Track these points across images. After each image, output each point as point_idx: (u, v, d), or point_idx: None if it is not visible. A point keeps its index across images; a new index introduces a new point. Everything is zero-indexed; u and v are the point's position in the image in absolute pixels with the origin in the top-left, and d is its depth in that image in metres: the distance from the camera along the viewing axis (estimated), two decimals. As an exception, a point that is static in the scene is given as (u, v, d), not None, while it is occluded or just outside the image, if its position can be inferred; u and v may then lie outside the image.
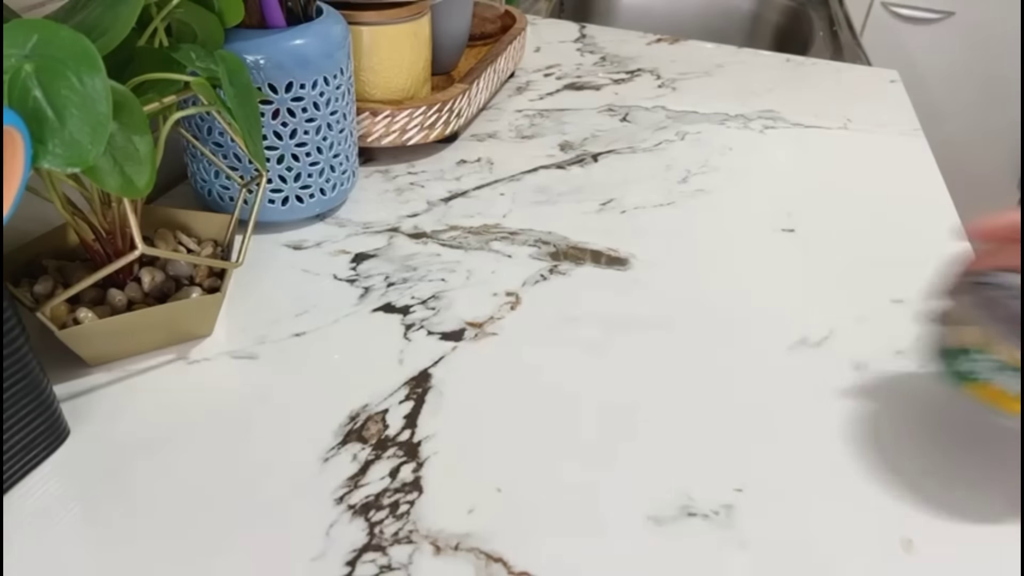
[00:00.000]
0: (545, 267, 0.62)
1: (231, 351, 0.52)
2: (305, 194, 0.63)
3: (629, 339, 0.55)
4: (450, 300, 0.58)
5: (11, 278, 0.49)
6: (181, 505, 0.42)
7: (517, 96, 0.93)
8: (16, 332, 0.39)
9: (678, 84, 0.97)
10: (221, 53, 0.47)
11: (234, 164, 0.61)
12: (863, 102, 0.96)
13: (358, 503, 0.43)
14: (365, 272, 0.61)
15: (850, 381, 0.53)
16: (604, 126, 0.86)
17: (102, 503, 0.42)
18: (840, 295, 0.61)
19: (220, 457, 0.45)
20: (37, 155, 0.35)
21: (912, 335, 0.57)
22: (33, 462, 0.43)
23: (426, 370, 0.52)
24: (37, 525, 0.40)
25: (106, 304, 0.49)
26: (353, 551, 0.40)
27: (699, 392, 0.51)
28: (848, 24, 1.29)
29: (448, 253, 0.63)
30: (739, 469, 0.46)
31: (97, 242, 0.49)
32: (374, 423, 0.48)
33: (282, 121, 0.59)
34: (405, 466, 0.45)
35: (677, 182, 0.76)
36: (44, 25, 0.36)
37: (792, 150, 0.84)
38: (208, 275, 0.53)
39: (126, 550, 0.39)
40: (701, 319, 0.58)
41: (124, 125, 0.40)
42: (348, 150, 0.65)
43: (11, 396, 0.40)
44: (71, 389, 0.48)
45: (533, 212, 0.70)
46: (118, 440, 0.45)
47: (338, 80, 0.60)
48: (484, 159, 0.78)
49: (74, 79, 0.35)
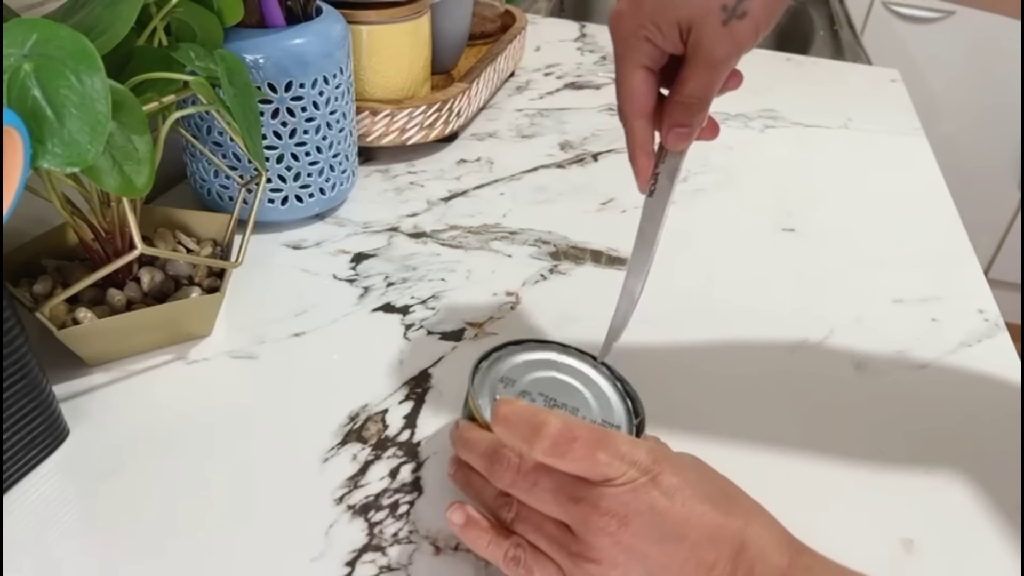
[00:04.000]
0: (545, 267, 0.62)
1: (230, 351, 0.52)
2: (305, 193, 0.63)
3: (629, 338, 0.55)
4: (450, 300, 0.58)
5: (10, 278, 0.49)
6: (181, 505, 0.42)
7: (517, 95, 0.92)
8: (15, 332, 0.39)
9: (678, 83, 0.97)
10: (220, 52, 0.47)
11: (233, 163, 0.61)
12: (863, 101, 0.96)
13: (358, 503, 0.42)
14: (365, 272, 0.61)
15: (850, 381, 0.53)
16: (604, 125, 0.86)
17: (102, 503, 0.42)
18: (840, 295, 0.61)
19: (219, 457, 0.45)
20: (36, 155, 0.35)
21: (912, 335, 0.57)
22: (33, 462, 0.43)
23: (426, 370, 0.52)
24: (37, 525, 0.40)
25: (105, 304, 0.49)
26: (353, 551, 0.40)
27: (699, 392, 0.51)
28: (849, 23, 1.29)
29: (448, 253, 0.63)
30: (739, 469, 0.46)
31: (96, 242, 0.49)
32: (374, 423, 0.48)
33: (282, 120, 0.59)
34: (405, 466, 0.45)
35: (677, 182, 0.76)
36: (43, 24, 0.36)
37: (792, 149, 0.84)
38: (207, 275, 0.53)
39: (126, 550, 0.39)
40: (701, 319, 0.58)
41: (123, 124, 0.40)
42: (348, 149, 0.65)
43: (11, 396, 0.40)
44: (71, 389, 0.48)
45: (533, 212, 0.70)
46: (118, 440, 0.45)
47: (338, 79, 0.60)
48: (484, 159, 0.78)
49: (73, 78, 0.35)
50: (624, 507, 0.33)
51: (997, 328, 0.58)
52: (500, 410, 0.35)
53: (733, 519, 0.34)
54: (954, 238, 0.70)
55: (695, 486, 0.35)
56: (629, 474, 0.34)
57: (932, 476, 0.46)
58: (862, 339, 0.57)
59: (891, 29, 1.78)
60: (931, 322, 0.59)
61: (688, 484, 0.34)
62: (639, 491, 0.33)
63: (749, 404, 0.51)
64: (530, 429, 0.34)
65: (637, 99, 0.42)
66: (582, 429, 0.34)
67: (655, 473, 0.34)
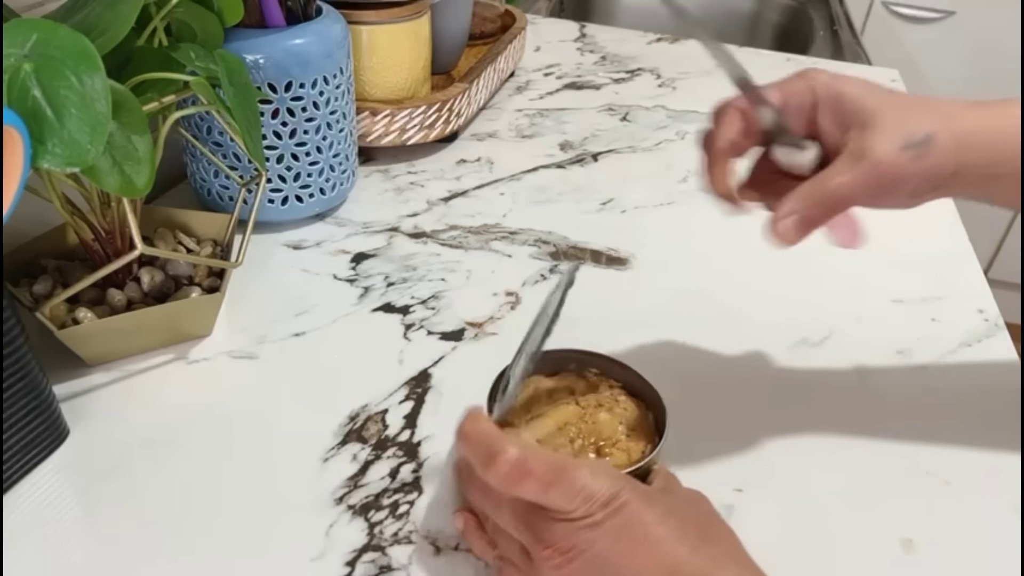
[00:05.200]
0: (545, 267, 0.62)
1: (230, 351, 0.52)
2: (305, 194, 0.63)
3: (629, 339, 0.55)
4: (450, 300, 0.58)
5: (10, 278, 0.49)
6: (180, 505, 0.42)
7: (517, 95, 0.92)
8: (15, 332, 0.39)
9: (678, 83, 0.97)
10: (220, 52, 0.47)
11: (233, 164, 0.61)
12: (863, 101, 0.96)
13: (358, 503, 0.42)
14: (365, 272, 0.61)
15: (850, 381, 0.53)
16: (604, 125, 0.86)
17: (102, 503, 0.42)
18: (840, 295, 0.61)
19: (219, 457, 0.45)
20: (36, 155, 0.35)
21: (912, 335, 0.57)
22: (33, 462, 0.43)
23: (426, 370, 0.52)
24: (37, 525, 0.40)
25: (105, 304, 0.49)
26: (353, 551, 0.40)
27: (698, 392, 0.51)
28: (849, 23, 1.29)
29: (448, 253, 0.63)
30: (739, 469, 0.46)
31: (96, 242, 0.49)
32: (374, 423, 0.48)
33: (282, 121, 0.59)
34: (405, 466, 0.45)
35: (677, 181, 0.76)
36: (43, 24, 0.36)
37: (792, 150, 0.84)
38: (207, 275, 0.53)
39: (126, 550, 0.39)
40: (701, 319, 0.58)
41: (123, 125, 0.40)
42: (348, 150, 0.65)
43: (11, 396, 0.40)
44: (71, 389, 0.48)
45: (533, 212, 0.70)
46: (118, 440, 0.45)
47: (338, 79, 0.60)
48: (484, 159, 0.78)
49: (73, 78, 0.35)
50: (569, 543, 0.33)
51: (997, 328, 0.58)
52: (464, 426, 0.34)
53: (698, 561, 0.33)
54: (954, 238, 0.70)
55: (661, 523, 0.33)
56: (584, 508, 0.33)
57: (932, 476, 0.46)
58: (862, 339, 0.56)
59: (891, 29, 1.78)
60: (931, 322, 0.59)
61: (653, 520, 0.33)
62: (590, 528, 0.33)
63: (749, 404, 0.51)
64: (487, 454, 0.33)
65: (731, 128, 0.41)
66: (539, 463, 0.33)
67: (613, 508, 0.33)
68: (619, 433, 0.41)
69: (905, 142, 0.37)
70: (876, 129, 0.37)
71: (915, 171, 0.37)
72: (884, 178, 0.38)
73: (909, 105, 0.38)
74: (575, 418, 0.43)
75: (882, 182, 0.38)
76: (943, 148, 0.37)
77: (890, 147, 0.37)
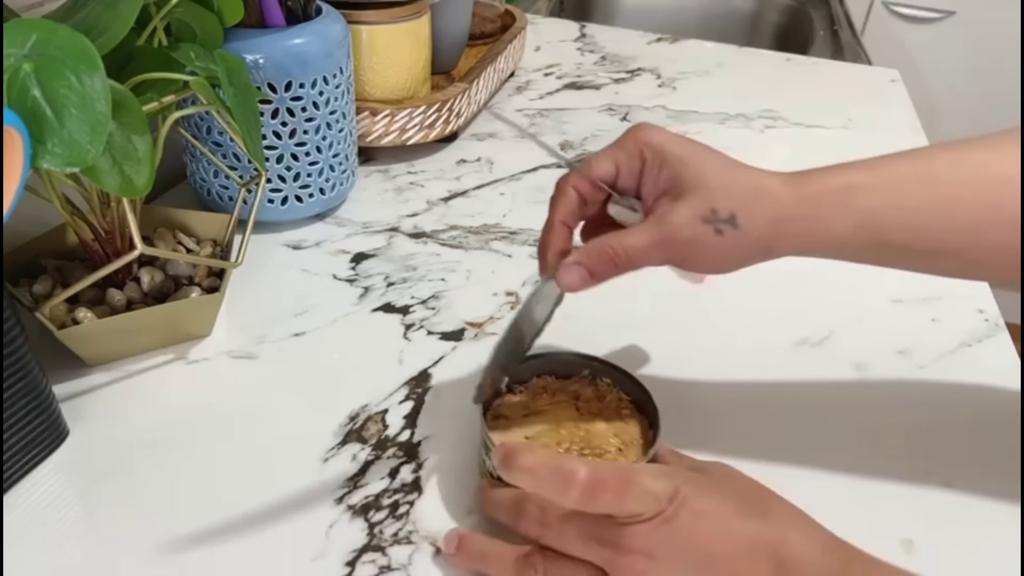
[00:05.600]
0: (545, 267, 0.62)
1: (230, 351, 0.52)
2: (304, 194, 0.63)
3: (629, 338, 0.55)
4: (450, 300, 0.58)
5: (10, 278, 0.49)
6: (180, 505, 0.42)
7: (517, 95, 0.92)
8: (15, 332, 0.39)
9: (678, 83, 0.97)
10: (220, 52, 0.47)
11: (233, 163, 0.61)
12: (864, 102, 0.96)
13: (358, 503, 0.42)
14: (365, 272, 0.61)
15: (850, 381, 0.53)
16: (604, 125, 0.86)
17: (102, 503, 0.42)
18: (840, 295, 0.61)
19: (219, 457, 0.45)
20: (36, 155, 0.35)
21: (912, 335, 0.57)
22: (33, 462, 0.43)
23: (426, 370, 0.52)
24: (37, 525, 0.40)
25: (105, 304, 0.49)
26: (353, 551, 0.40)
27: (698, 392, 0.51)
28: (849, 23, 1.29)
29: (448, 253, 0.63)
30: (739, 469, 0.46)
31: (96, 242, 0.49)
32: (374, 423, 0.48)
33: (281, 121, 0.59)
34: (405, 466, 0.45)
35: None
36: (43, 24, 0.36)
37: (792, 150, 0.84)
38: (207, 275, 0.53)
39: (126, 550, 0.39)
40: (701, 319, 0.58)
41: (123, 125, 0.40)
42: (347, 149, 0.65)
43: (11, 396, 0.40)
44: (71, 389, 0.48)
45: (533, 212, 0.70)
46: (118, 440, 0.45)
47: (337, 79, 0.60)
48: (484, 159, 0.78)
49: (73, 78, 0.35)
50: (651, 542, 0.34)
51: (997, 328, 0.58)
52: (522, 461, 0.34)
53: (768, 530, 0.34)
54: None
55: (723, 504, 0.34)
56: (655, 507, 0.34)
57: (932, 476, 0.46)
58: (862, 339, 0.56)
59: (891, 29, 1.78)
60: (931, 322, 0.59)
61: (716, 504, 0.34)
62: (665, 524, 0.34)
63: (749, 404, 0.51)
64: (559, 480, 0.34)
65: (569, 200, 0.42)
66: (607, 471, 0.34)
67: (680, 501, 0.34)
68: (611, 445, 0.41)
69: (704, 217, 0.38)
70: (684, 200, 0.38)
71: (717, 243, 0.38)
72: (679, 246, 0.39)
73: (729, 180, 0.39)
74: (569, 422, 0.43)
75: (678, 249, 0.39)
76: (748, 229, 0.38)
77: (689, 218, 0.38)
